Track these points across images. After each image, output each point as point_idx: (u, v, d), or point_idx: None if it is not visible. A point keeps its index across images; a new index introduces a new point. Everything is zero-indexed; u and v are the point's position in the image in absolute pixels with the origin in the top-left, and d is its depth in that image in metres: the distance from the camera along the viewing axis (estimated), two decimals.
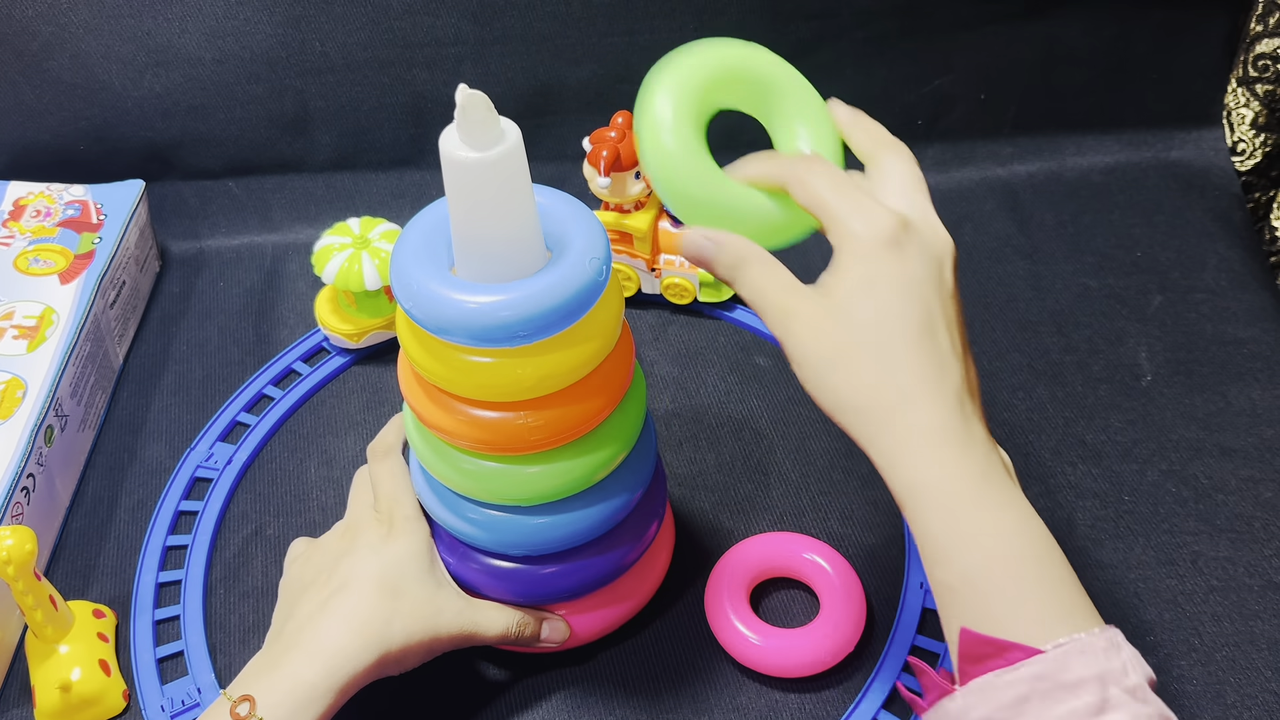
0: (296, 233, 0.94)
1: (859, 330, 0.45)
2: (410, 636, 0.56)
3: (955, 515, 0.44)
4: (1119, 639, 0.43)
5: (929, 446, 0.44)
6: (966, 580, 0.44)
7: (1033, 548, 0.44)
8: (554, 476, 0.55)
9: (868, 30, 0.93)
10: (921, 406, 0.44)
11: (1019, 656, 0.42)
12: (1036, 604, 0.43)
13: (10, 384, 0.71)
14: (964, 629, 0.44)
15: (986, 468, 0.45)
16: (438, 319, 0.50)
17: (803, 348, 0.46)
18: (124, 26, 0.88)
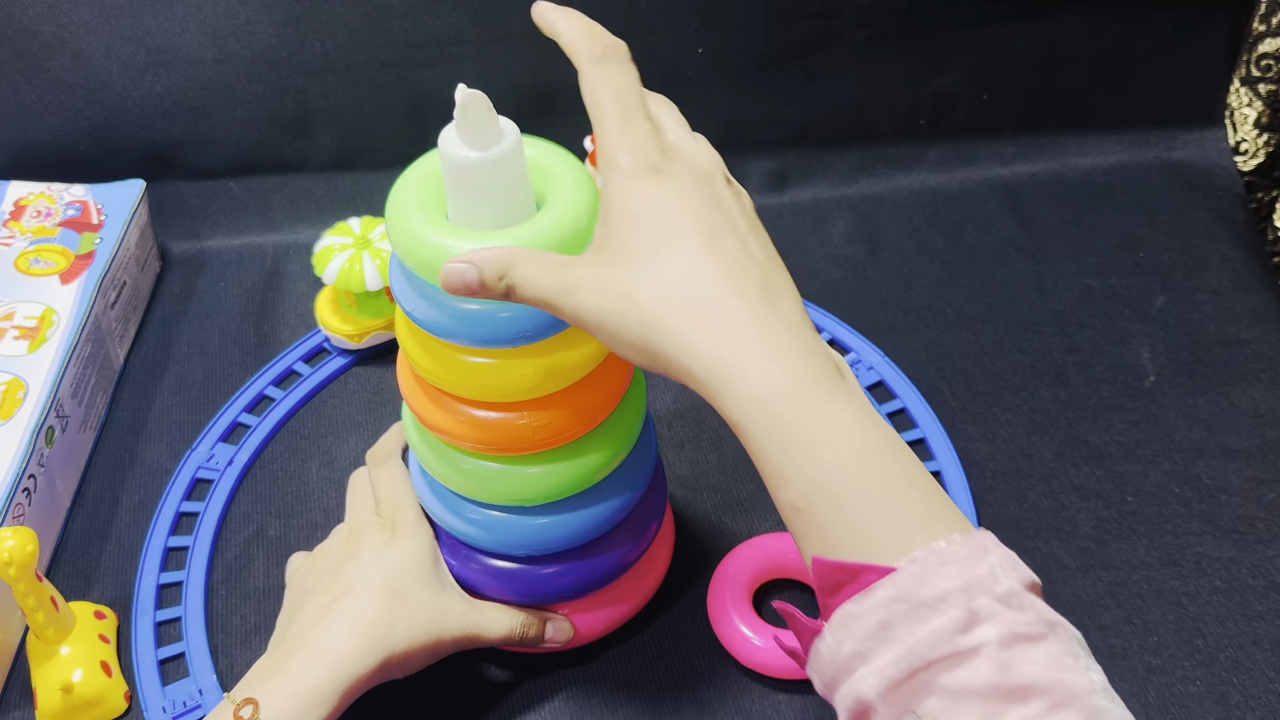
0: (297, 233, 0.94)
1: (639, 266, 0.42)
2: (414, 639, 0.55)
3: (787, 424, 0.40)
4: (987, 541, 0.39)
5: (742, 353, 0.40)
6: (808, 496, 0.40)
7: (876, 448, 0.40)
8: (555, 476, 0.55)
9: (869, 30, 0.93)
10: (724, 313, 0.41)
11: (872, 578, 0.38)
12: (889, 509, 0.39)
13: (11, 385, 0.71)
14: (815, 557, 0.40)
15: (813, 368, 0.41)
16: (442, 322, 0.49)
17: (595, 312, 0.42)
18: (125, 26, 0.88)
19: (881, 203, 0.96)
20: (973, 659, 0.36)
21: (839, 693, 0.39)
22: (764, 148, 0.97)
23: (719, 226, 0.43)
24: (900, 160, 0.98)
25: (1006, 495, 0.72)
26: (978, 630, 0.36)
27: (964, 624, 0.36)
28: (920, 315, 0.85)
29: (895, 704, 0.37)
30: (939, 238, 0.92)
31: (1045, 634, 0.37)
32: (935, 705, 0.36)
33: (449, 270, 0.44)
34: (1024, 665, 0.36)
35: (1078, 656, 0.37)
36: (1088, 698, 0.36)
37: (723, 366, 0.40)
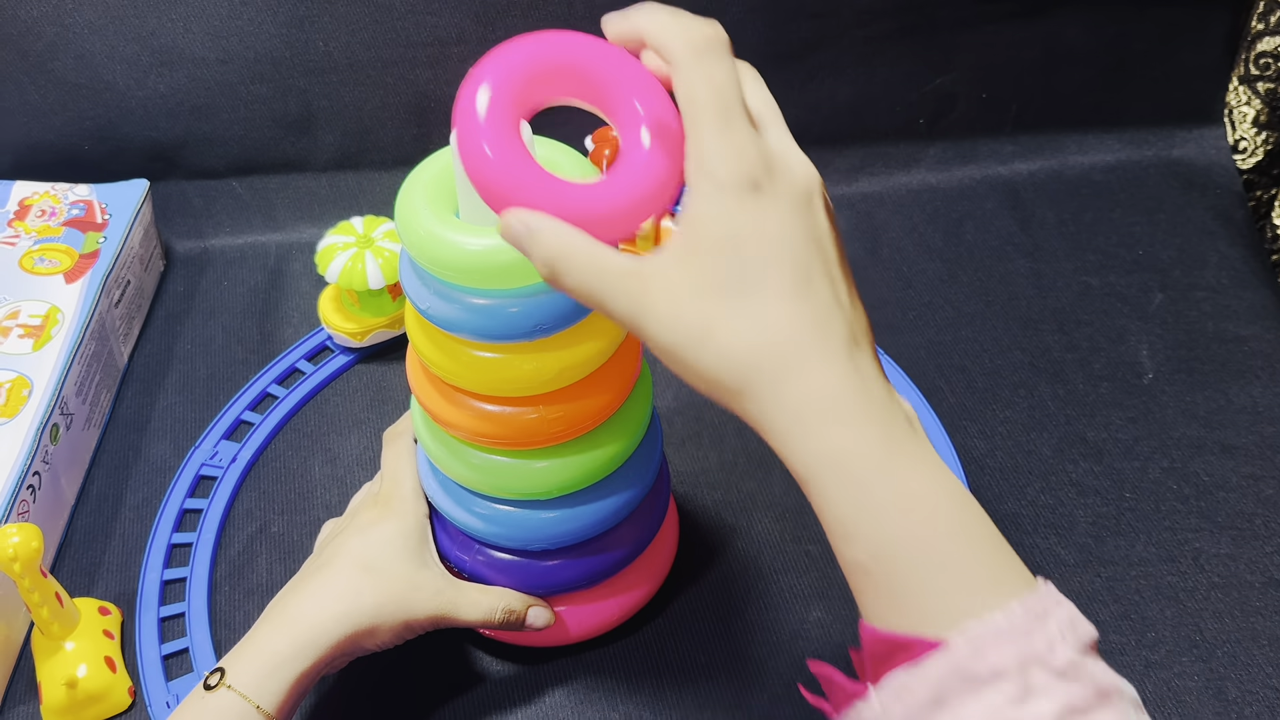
0: (300, 232, 0.94)
1: (726, 296, 0.39)
2: (380, 610, 0.56)
3: (859, 486, 0.39)
4: (1047, 605, 0.38)
5: (822, 414, 0.39)
6: (877, 556, 0.39)
7: (947, 512, 0.39)
8: (566, 470, 0.56)
9: (869, 29, 0.93)
10: (807, 371, 0.39)
11: (923, 651, 0.37)
12: (957, 573, 0.38)
13: (16, 383, 0.71)
14: (866, 626, 0.40)
15: (888, 428, 0.39)
16: (455, 317, 0.50)
17: (664, 326, 0.39)
18: (128, 27, 0.88)
19: (881, 201, 0.96)
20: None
21: None
22: None
23: (814, 265, 0.40)
24: (900, 159, 0.98)
25: (1005, 492, 0.73)
26: (1032, 704, 0.36)
27: (1017, 699, 0.36)
28: (919, 313, 0.86)
29: None
30: (938, 236, 0.92)
31: (1100, 704, 0.37)
32: None
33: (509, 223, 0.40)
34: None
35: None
36: None
37: (798, 423, 0.39)
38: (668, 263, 0.40)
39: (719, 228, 0.39)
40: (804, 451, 0.39)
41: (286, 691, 0.53)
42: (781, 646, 0.65)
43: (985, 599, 0.38)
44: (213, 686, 0.52)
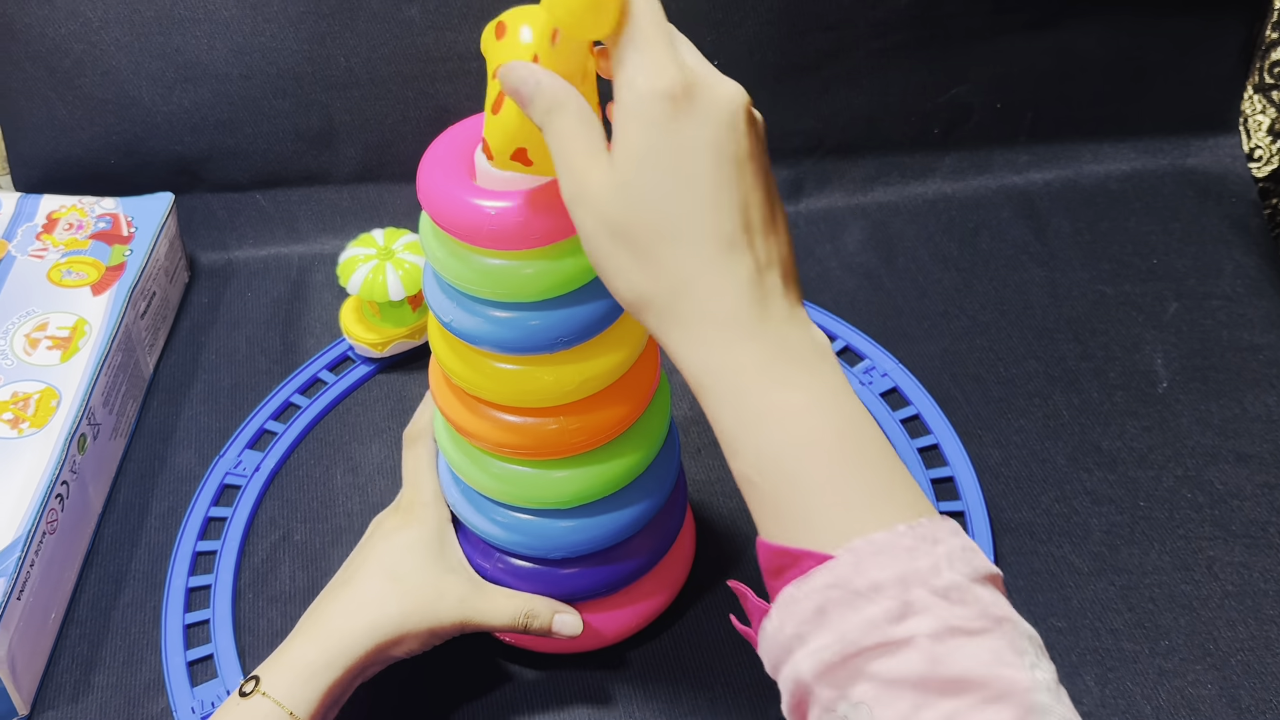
0: (322, 244, 0.95)
1: (641, 207, 0.41)
2: (406, 619, 0.57)
3: (744, 398, 0.40)
4: (939, 533, 0.39)
5: (714, 328, 0.41)
6: (760, 469, 0.40)
7: (834, 429, 0.40)
8: (586, 480, 0.57)
9: (884, 40, 0.94)
10: (706, 287, 0.41)
11: (811, 564, 0.38)
12: (839, 494, 0.39)
13: (44, 394, 0.73)
14: (760, 540, 0.41)
15: (780, 347, 0.41)
16: (480, 330, 0.52)
17: (589, 230, 0.42)
18: (154, 44, 0.90)
19: (896, 211, 0.97)
20: (904, 649, 0.36)
21: (781, 674, 0.40)
22: (780, 157, 0.98)
23: (728, 184, 0.41)
24: (915, 169, 0.98)
25: (1020, 501, 0.73)
26: (910, 622, 0.36)
27: (896, 615, 0.37)
28: (934, 322, 0.86)
29: (830, 686, 0.38)
30: (953, 245, 0.93)
31: (987, 629, 0.37)
32: (867, 691, 0.37)
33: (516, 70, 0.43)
34: (957, 658, 0.36)
35: (1023, 653, 0.37)
36: (1026, 694, 0.36)
37: (691, 336, 0.41)
38: (607, 166, 0.41)
39: (641, 138, 0.40)
40: (696, 363, 0.41)
41: (319, 700, 0.54)
42: None
43: (874, 519, 0.39)
44: (248, 694, 0.54)
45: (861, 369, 0.82)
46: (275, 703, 0.53)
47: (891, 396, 0.80)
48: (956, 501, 0.73)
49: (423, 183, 0.51)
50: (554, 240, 0.50)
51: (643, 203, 0.41)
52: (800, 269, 0.47)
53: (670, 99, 0.40)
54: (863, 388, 0.81)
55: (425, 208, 0.51)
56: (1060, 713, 0.36)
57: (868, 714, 0.36)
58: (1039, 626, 0.64)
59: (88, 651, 0.68)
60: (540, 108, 0.42)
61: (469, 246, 0.50)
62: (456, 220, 0.49)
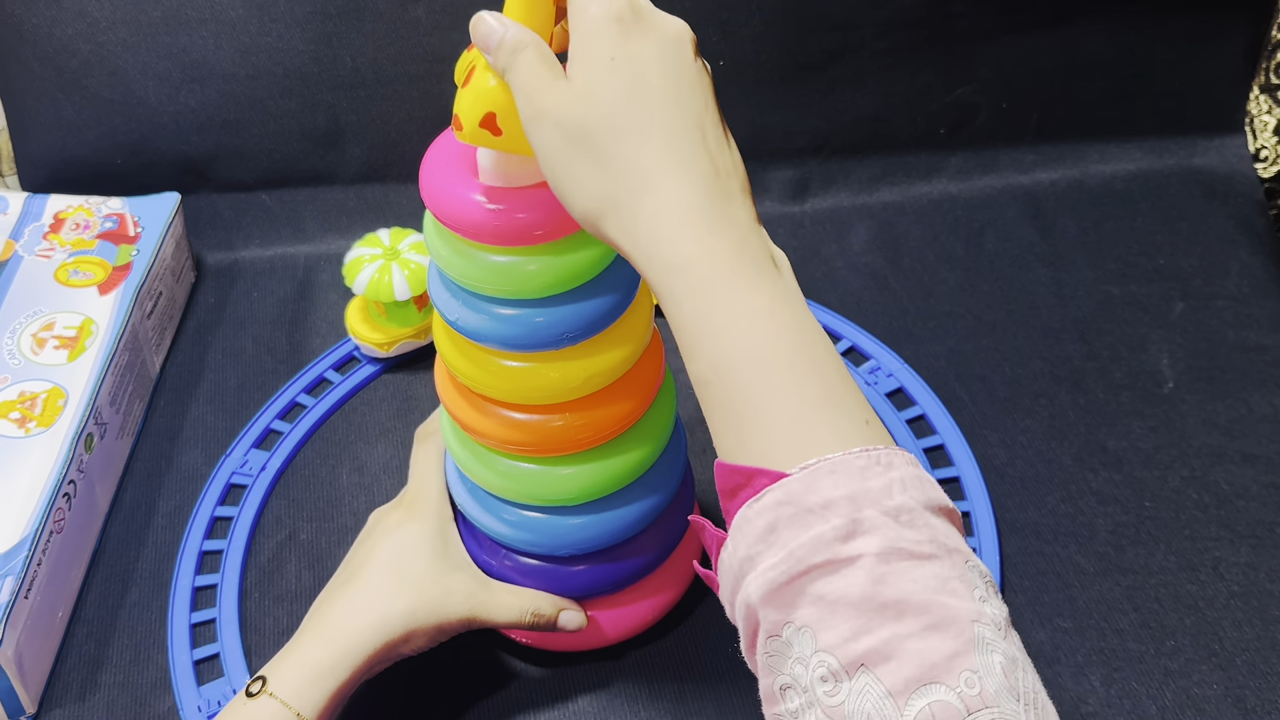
0: (328, 243, 0.95)
1: (600, 109, 0.42)
2: (414, 617, 0.57)
3: (706, 295, 0.40)
4: (895, 459, 0.38)
5: (676, 226, 0.41)
6: (717, 369, 0.40)
7: (793, 336, 0.40)
8: (592, 476, 0.57)
9: (890, 40, 0.94)
10: (668, 186, 0.41)
11: (765, 482, 0.38)
12: (797, 402, 0.39)
13: (52, 393, 0.73)
14: (717, 461, 0.40)
15: (741, 249, 0.41)
16: (486, 328, 0.52)
17: (548, 144, 0.43)
18: (160, 44, 0.90)
19: (902, 211, 0.97)
20: (849, 568, 0.36)
21: (735, 605, 0.39)
22: (786, 157, 0.98)
23: (681, 101, 0.42)
24: (921, 169, 0.98)
25: (1025, 501, 0.73)
26: (858, 540, 0.36)
27: (845, 533, 0.36)
28: (940, 322, 0.86)
29: (776, 609, 0.37)
30: (959, 245, 0.93)
31: (935, 555, 0.36)
32: (810, 614, 0.36)
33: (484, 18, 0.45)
34: (901, 581, 0.35)
35: (972, 586, 0.36)
36: (969, 624, 0.35)
37: (652, 239, 0.41)
38: (562, 84, 0.43)
39: (594, 50, 0.42)
40: (658, 260, 0.41)
41: (327, 700, 0.54)
42: None
43: (831, 435, 0.38)
44: (254, 694, 0.54)
45: (867, 369, 0.82)
46: (282, 703, 0.53)
47: (897, 396, 0.80)
48: (962, 501, 0.73)
49: (425, 180, 0.51)
50: (558, 235, 0.50)
51: (602, 103, 0.41)
52: (806, 269, 0.47)
53: (620, 21, 0.42)
54: (868, 387, 0.81)
55: (428, 205, 0.51)
56: (1005, 649, 0.35)
57: (810, 638, 0.36)
58: (1045, 627, 0.65)
59: (94, 650, 0.68)
60: (505, 52, 0.44)
61: (473, 244, 0.50)
62: (459, 217, 0.49)
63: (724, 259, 0.40)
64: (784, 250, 0.45)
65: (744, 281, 0.40)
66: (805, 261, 0.91)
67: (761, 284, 0.40)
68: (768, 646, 0.37)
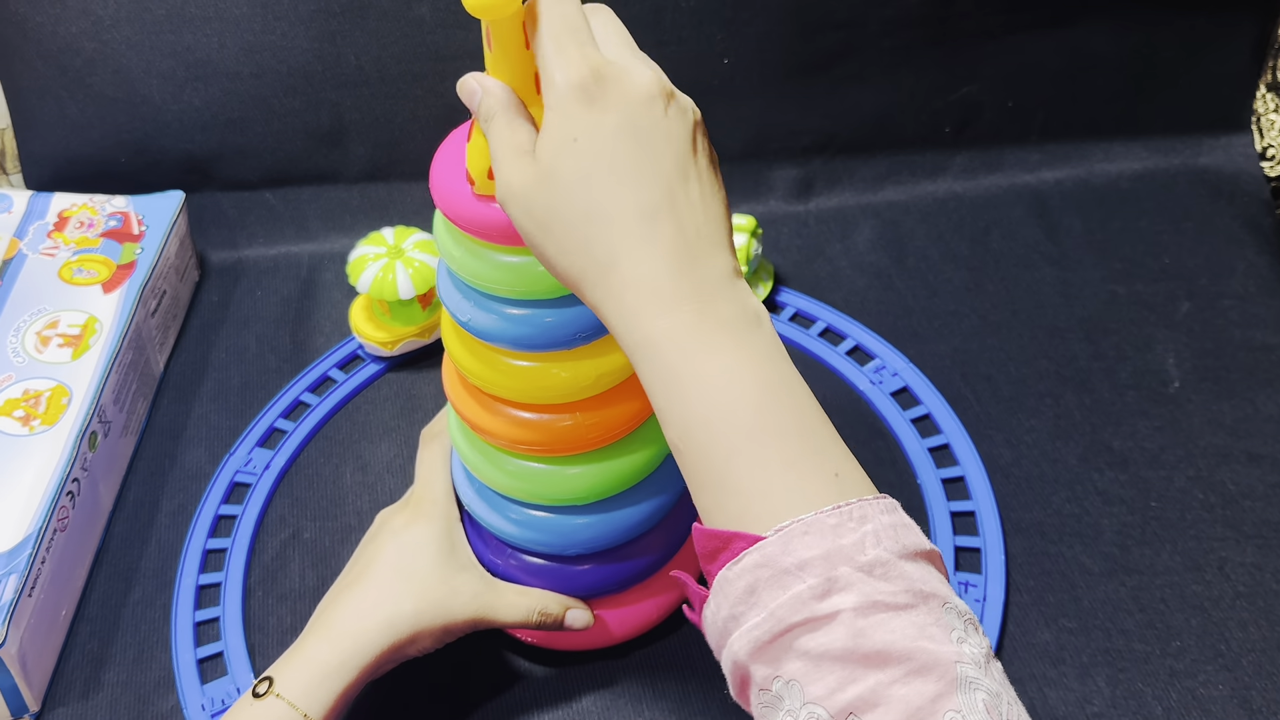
0: (332, 242, 0.95)
1: (564, 193, 0.42)
2: (420, 618, 0.57)
3: (669, 365, 0.41)
4: (867, 511, 0.39)
5: (642, 300, 0.41)
6: (685, 436, 0.41)
7: (754, 396, 0.40)
8: (601, 475, 0.57)
9: (895, 39, 0.94)
10: (631, 263, 0.42)
11: (742, 546, 0.39)
12: (762, 464, 0.40)
13: (56, 392, 0.73)
14: (695, 526, 0.41)
15: (706, 314, 0.41)
16: (498, 329, 0.52)
17: (519, 223, 0.44)
18: (164, 42, 0.90)
19: (907, 210, 0.96)
20: (829, 624, 0.37)
21: (723, 657, 0.41)
22: (790, 156, 0.98)
23: (648, 163, 0.42)
24: (926, 168, 0.98)
25: (1031, 500, 0.73)
26: (835, 598, 0.37)
27: (821, 591, 0.37)
28: (945, 322, 0.86)
29: (764, 664, 0.38)
30: (964, 245, 0.93)
31: (912, 604, 0.37)
32: (797, 668, 0.37)
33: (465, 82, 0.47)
34: (880, 632, 0.37)
35: (950, 628, 0.37)
36: (951, 665, 0.36)
37: (622, 310, 0.42)
38: (531, 161, 0.43)
39: (558, 130, 0.42)
40: (626, 334, 0.42)
41: (333, 701, 0.54)
42: None
43: (800, 495, 0.39)
44: (261, 695, 0.53)
45: (872, 368, 0.82)
46: (290, 704, 0.53)
47: (902, 396, 0.80)
48: (967, 501, 0.72)
49: (435, 180, 0.51)
50: None
51: (565, 189, 0.42)
52: (810, 268, 0.47)
53: (584, 90, 0.42)
54: (873, 387, 0.81)
55: (439, 205, 0.51)
56: (988, 685, 0.36)
57: (799, 690, 0.37)
58: (1050, 627, 0.65)
59: (98, 649, 0.68)
60: (482, 116, 0.45)
61: (484, 243, 0.50)
62: (471, 216, 0.49)
63: (687, 328, 0.41)
64: (789, 249, 0.45)
65: (707, 348, 0.41)
66: (810, 261, 0.91)
67: (724, 345, 0.41)
68: (760, 699, 0.39)
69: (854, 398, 0.81)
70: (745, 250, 0.82)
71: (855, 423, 0.78)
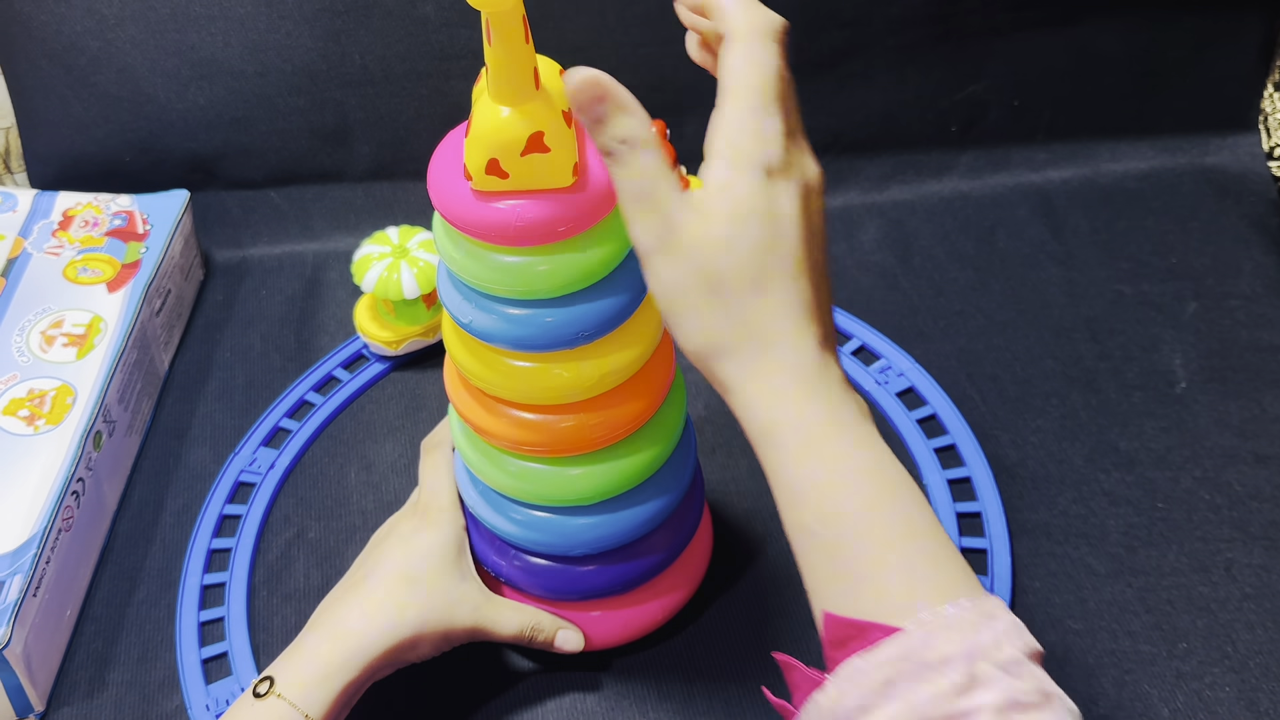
0: (336, 241, 0.95)
1: (739, 262, 0.42)
2: (423, 625, 0.57)
3: (815, 451, 0.42)
4: (994, 608, 0.40)
5: (793, 384, 0.42)
6: (824, 521, 0.42)
7: (893, 492, 0.42)
8: (604, 476, 0.57)
9: (900, 37, 0.93)
10: (784, 347, 0.43)
11: (879, 636, 0.40)
12: (904, 557, 0.41)
13: (60, 391, 0.73)
14: (826, 612, 0.42)
15: (843, 408, 0.43)
16: (499, 330, 0.52)
17: (675, 279, 0.43)
18: (169, 41, 0.90)
19: (912, 209, 0.96)
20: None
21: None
22: None
23: (805, 258, 0.43)
24: (931, 167, 0.98)
25: (1037, 501, 0.73)
26: (976, 694, 0.38)
27: (963, 687, 0.38)
28: (951, 321, 0.86)
29: None
30: (970, 244, 0.92)
31: (1042, 704, 0.38)
32: None
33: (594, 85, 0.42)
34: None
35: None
36: None
37: (767, 392, 0.43)
38: (692, 221, 0.42)
39: (733, 201, 0.42)
40: (765, 413, 0.43)
41: (333, 702, 0.54)
42: (813, 654, 0.65)
43: (936, 590, 0.40)
44: (262, 695, 0.54)
45: (877, 368, 0.82)
46: (291, 704, 0.53)
47: (907, 396, 0.80)
48: (973, 502, 0.72)
49: (433, 181, 0.51)
50: (570, 234, 0.49)
51: (743, 256, 0.42)
52: None
53: (770, 172, 0.42)
54: (879, 387, 0.80)
55: (436, 206, 0.51)
56: None
57: None
58: (1056, 628, 0.65)
59: (103, 648, 0.68)
60: (625, 138, 0.42)
61: (483, 244, 0.50)
62: (468, 218, 0.49)
63: (829, 418, 0.42)
64: None
65: (846, 439, 0.42)
66: None
67: (862, 440, 0.43)
68: None
69: None
70: None
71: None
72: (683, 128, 0.95)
